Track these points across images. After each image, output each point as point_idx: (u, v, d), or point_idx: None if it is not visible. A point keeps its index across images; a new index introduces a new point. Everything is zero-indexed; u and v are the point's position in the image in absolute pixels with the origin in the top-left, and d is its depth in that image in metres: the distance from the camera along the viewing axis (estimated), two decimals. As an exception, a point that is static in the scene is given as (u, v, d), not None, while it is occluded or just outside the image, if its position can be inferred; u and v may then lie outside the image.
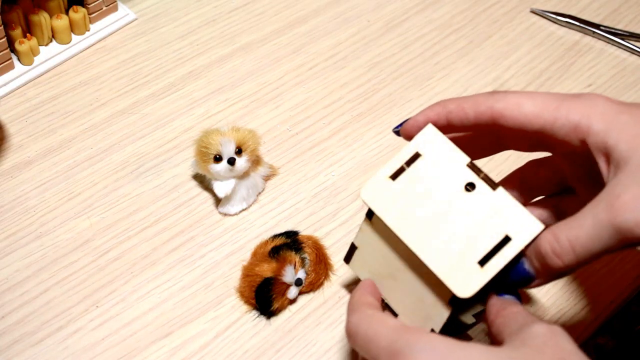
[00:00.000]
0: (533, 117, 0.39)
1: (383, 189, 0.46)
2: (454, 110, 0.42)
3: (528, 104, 0.39)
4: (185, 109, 0.65)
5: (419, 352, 0.35)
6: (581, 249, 0.36)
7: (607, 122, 0.37)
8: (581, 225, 0.36)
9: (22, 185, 0.59)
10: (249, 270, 0.52)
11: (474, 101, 0.41)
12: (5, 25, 0.64)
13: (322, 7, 0.75)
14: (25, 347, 0.50)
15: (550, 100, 0.39)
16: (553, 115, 0.39)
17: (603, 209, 0.35)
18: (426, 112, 0.44)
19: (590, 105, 0.38)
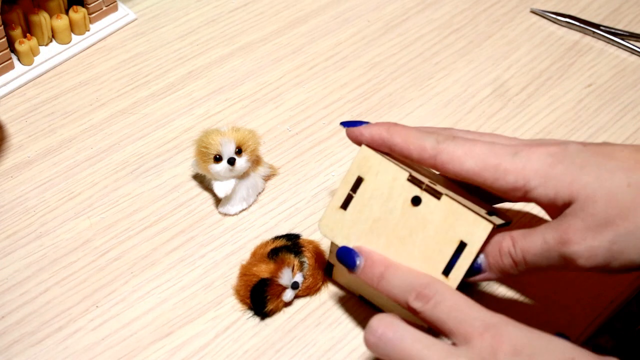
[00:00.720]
0: (474, 175, 0.43)
1: (337, 220, 0.47)
2: (399, 144, 0.44)
3: (469, 162, 0.42)
4: (185, 109, 0.65)
5: None
6: (530, 261, 0.42)
7: (543, 178, 0.41)
8: (534, 241, 0.41)
9: (22, 185, 0.59)
10: (246, 270, 0.52)
11: (420, 146, 0.44)
12: (5, 25, 0.64)
13: (322, 7, 0.75)
14: (25, 347, 0.50)
15: (490, 158, 0.42)
16: (493, 175, 0.42)
17: (552, 238, 0.40)
18: (372, 131, 0.45)
19: (525, 166, 0.41)
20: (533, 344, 0.37)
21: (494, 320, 0.38)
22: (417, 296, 0.41)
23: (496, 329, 0.37)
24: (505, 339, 0.37)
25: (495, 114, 0.66)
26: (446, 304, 0.40)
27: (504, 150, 0.42)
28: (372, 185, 0.46)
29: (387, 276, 0.43)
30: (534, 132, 0.65)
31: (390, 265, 0.43)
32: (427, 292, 0.40)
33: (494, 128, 0.65)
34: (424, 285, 0.41)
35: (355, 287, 0.52)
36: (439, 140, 0.43)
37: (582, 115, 0.67)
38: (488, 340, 0.37)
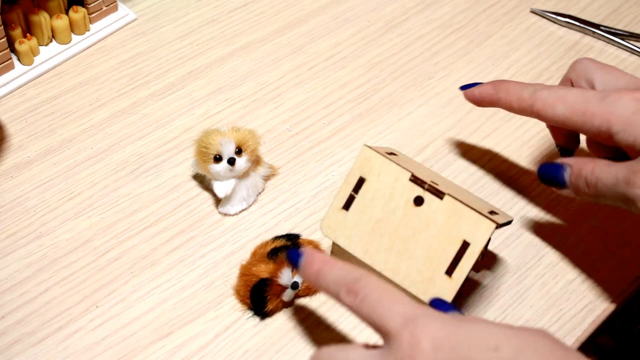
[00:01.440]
0: (565, 120, 0.46)
1: (339, 221, 0.47)
2: (503, 99, 0.51)
3: (560, 107, 0.46)
4: (185, 109, 0.65)
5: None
6: (600, 190, 0.44)
7: (626, 124, 0.44)
8: (608, 173, 0.44)
9: (22, 185, 0.59)
10: (246, 270, 0.52)
11: (519, 97, 0.49)
12: (5, 25, 0.64)
13: (322, 7, 0.75)
14: (25, 347, 0.50)
15: (580, 103, 0.46)
16: (581, 119, 0.46)
17: (622, 175, 0.43)
18: (482, 90, 0.53)
19: (611, 110, 0.44)
20: (454, 336, 0.35)
21: (414, 313, 0.37)
22: (347, 291, 0.39)
23: (414, 323, 0.36)
24: (423, 334, 0.35)
25: (495, 114, 0.66)
26: (371, 299, 0.38)
27: (594, 96, 0.45)
28: (374, 186, 0.46)
29: (323, 273, 0.42)
30: (534, 132, 0.65)
31: (328, 262, 0.42)
32: (356, 287, 0.39)
33: (494, 128, 0.65)
34: (355, 280, 0.40)
35: None
36: (536, 89, 0.48)
37: (582, 115, 0.67)
38: (406, 337, 0.36)
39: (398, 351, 0.36)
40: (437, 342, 0.35)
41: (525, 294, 0.54)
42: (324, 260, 0.42)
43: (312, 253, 0.43)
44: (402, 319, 0.36)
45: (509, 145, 0.64)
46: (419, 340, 0.35)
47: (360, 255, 0.47)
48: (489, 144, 0.64)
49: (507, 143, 0.64)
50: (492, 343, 0.35)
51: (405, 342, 0.36)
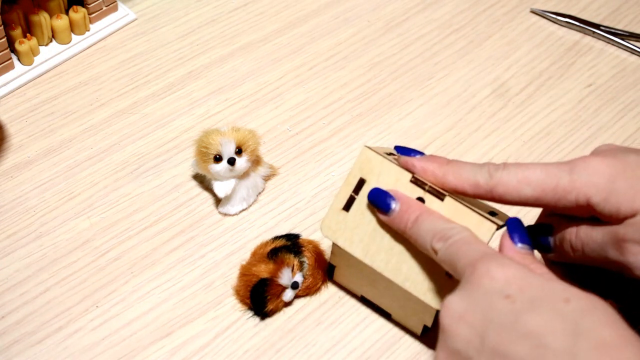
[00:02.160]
0: (535, 201, 0.42)
1: (340, 222, 0.47)
2: (453, 182, 0.44)
3: (527, 189, 0.42)
4: (185, 109, 0.65)
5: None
6: (587, 255, 0.41)
7: (605, 193, 0.40)
8: (593, 239, 0.41)
9: (22, 185, 0.59)
10: (246, 270, 0.52)
11: (474, 183, 0.43)
12: (5, 25, 0.64)
13: (322, 7, 0.75)
14: (25, 347, 0.50)
15: (547, 181, 0.41)
16: (553, 198, 0.41)
17: (610, 242, 0.40)
18: (425, 167, 0.45)
19: (584, 182, 0.40)
20: (528, 278, 0.36)
21: (494, 253, 0.38)
22: (439, 237, 0.41)
23: (492, 257, 0.37)
24: (498, 268, 0.36)
25: (495, 114, 0.66)
26: (460, 241, 0.40)
27: (559, 169, 0.41)
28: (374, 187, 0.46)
29: (420, 221, 0.43)
30: (534, 132, 0.65)
31: (426, 211, 0.43)
32: (447, 233, 0.41)
33: (494, 128, 0.65)
34: (450, 227, 0.41)
35: (357, 287, 0.52)
36: (491, 173, 0.43)
37: (582, 115, 0.67)
38: (481, 268, 0.37)
39: (470, 277, 0.37)
40: (510, 276, 0.36)
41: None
42: (421, 208, 0.44)
43: (408, 199, 0.44)
44: (482, 253, 0.38)
45: (509, 145, 0.64)
46: (493, 270, 0.36)
47: (360, 256, 0.47)
48: (489, 144, 0.64)
49: (507, 143, 0.64)
50: (562, 294, 0.35)
51: (479, 270, 0.37)
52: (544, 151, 0.63)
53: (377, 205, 0.45)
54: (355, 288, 0.53)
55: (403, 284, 0.45)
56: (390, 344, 0.51)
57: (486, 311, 0.35)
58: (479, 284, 0.36)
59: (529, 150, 0.63)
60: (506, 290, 0.35)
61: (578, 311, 0.34)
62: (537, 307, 0.34)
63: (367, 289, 0.52)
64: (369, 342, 0.51)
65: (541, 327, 0.34)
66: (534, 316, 0.34)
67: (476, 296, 0.36)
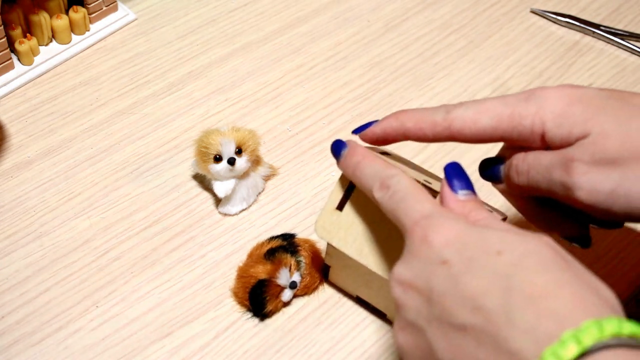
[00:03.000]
0: (491, 131, 0.42)
1: (333, 222, 0.47)
2: (412, 129, 0.44)
3: (483, 119, 0.42)
4: (185, 109, 0.65)
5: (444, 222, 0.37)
6: (532, 179, 0.41)
7: (560, 117, 0.40)
8: (540, 160, 0.41)
9: (22, 185, 0.59)
10: (243, 272, 0.52)
11: (431, 122, 0.43)
12: (5, 25, 0.64)
13: (322, 7, 0.75)
14: (25, 347, 0.50)
15: (503, 109, 0.41)
16: (509, 125, 0.41)
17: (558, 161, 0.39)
18: (383, 125, 0.45)
19: (540, 107, 0.41)
20: (463, 237, 0.36)
21: (431, 211, 0.37)
22: (380, 186, 0.40)
23: (428, 220, 0.37)
24: (434, 231, 0.36)
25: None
26: (398, 195, 0.39)
27: (516, 98, 0.42)
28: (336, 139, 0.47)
29: (362, 166, 0.43)
30: (534, 132, 0.65)
31: (367, 156, 0.43)
32: (388, 183, 0.40)
33: (494, 128, 0.65)
34: (389, 176, 0.40)
35: (352, 288, 0.52)
36: (448, 110, 0.43)
37: (582, 115, 0.67)
38: (418, 232, 0.36)
39: (410, 245, 0.37)
40: (446, 240, 0.36)
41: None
42: (364, 153, 0.44)
43: (356, 146, 0.45)
44: (419, 215, 0.37)
45: (509, 145, 0.64)
46: (429, 236, 0.36)
47: (354, 255, 0.47)
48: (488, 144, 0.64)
49: (507, 143, 0.64)
50: (496, 247, 0.35)
51: (417, 236, 0.36)
52: (544, 151, 0.63)
53: (333, 153, 0.46)
54: (350, 288, 0.53)
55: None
56: (390, 344, 0.51)
57: (428, 279, 0.35)
58: (418, 252, 0.36)
59: (529, 150, 0.63)
60: (443, 255, 0.35)
61: (510, 263, 0.34)
62: (472, 269, 0.34)
63: (362, 289, 0.52)
64: (369, 342, 0.51)
65: (476, 288, 0.33)
66: (469, 278, 0.34)
67: (417, 264, 0.36)
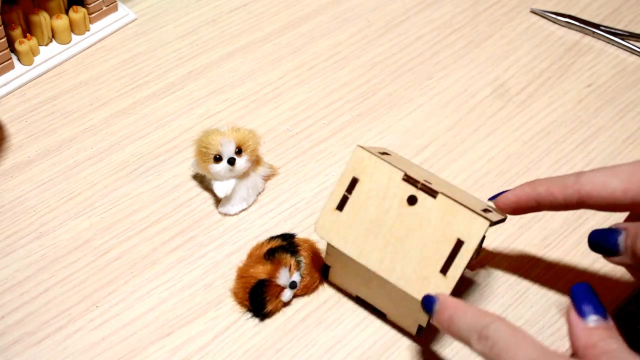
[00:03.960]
0: (621, 195, 0.42)
1: (334, 222, 0.47)
2: (543, 194, 0.45)
3: (614, 182, 0.42)
4: (185, 109, 0.65)
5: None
6: None
7: None
8: None
9: (22, 185, 0.59)
10: (243, 272, 0.52)
11: (562, 185, 0.44)
12: (5, 25, 0.64)
13: (322, 7, 0.75)
14: (25, 347, 0.50)
15: (634, 173, 0.42)
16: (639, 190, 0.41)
17: None
18: (517, 193, 0.47)
19: None
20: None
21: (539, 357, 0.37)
22: (479, 337, 0.40)
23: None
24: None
25: (495, 114, 0.66)
26: (500, 344, 0.39)
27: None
28: (367, 186, 0.46)
29: (455, 319, 0.42)
30: (534, 132, 0.65)
31: (459, 308, 0.42)
32: (487, 333, 0.40)
33: (494, 128, 0.65)
34: (485, 325, 0.40)
35: (352, 288, 0.52)
36: (580, 174, 0.44)
37: (582, 115, 0.67)
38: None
39: None
40: None
41: (525, 294, 0.54)
42: (456, 305, 0.43)
43: (445, 299, 0.43)
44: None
45: (509, 145, 0.64)
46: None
47: (354, 255, 0.47)
48: (489, 144, 0.64)
49: (507, 143, 0.64)
50: None
51: None
52: (544, 151, 0.63)
53: (424, 309, 0.45)
54: (350, 288, 0.53)
55: (397, 283, 0.45)
56: (390, 344, 0.51)
57: None
58: None
59: (529, 150, 0.63)
60: None
61: None
62: None
63: (362, 289, 0.52)
64: (369, 342, 0.51)
65: None
66: None
67: None
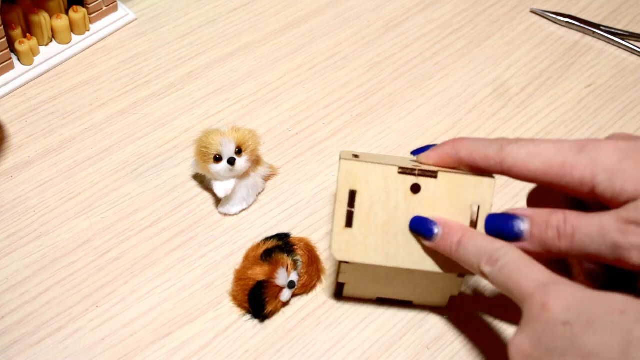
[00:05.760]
0: (541, 175, 0.42)
1: (348, 240, 0.47)
2: (465, 158, 0.45)
3: (535, 162, 0.42)
4: (185, 109, 0.65)
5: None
6: (578, 241, 0.40)
7: (610, 172, 0.39)
8: (589, 224, 0.39)
9: (22, 185, 0.59)
10: (241, 274, 0.52)
11: (485, 155, 0.44)
12: (5, 25, 0.64)
13: (322, 7, 0.75)
14: (25, 347, 0.50)
15: (556, 156, 0.41)
16: (559, 173, 0.41)
17: (610, 223, 0.38)
18: (440, 154, 0.46)
19: (592, 160, 0.40)
20: (584, 301, 0.36)
21: (548, 279, 0.38)
22: (487, 260, 0.41)
23: (546, 288, 0.38)
24: (554, 297, 0.37)
25: (495, 114, 0.66)
26: (509, 266, 0.40)
27: (570, 147, 0.41)
28: (367, 193, 0.46)
29: (464, 242, 0.43)
30: (534, 132, 0.65)
31: (467, 232, 0.44)
32: (496, 256, 0.41)
33: (494, 128, 0.65)
34: (495, 249, 0.41)
35: (372, 292, 0.52)
36: (503, 145, 0.43)
37: (582, 115, 0.67)
38: (537, 299, 0.37)
39: (529, 312, 0.37)
40: (566, 305, 0.36)
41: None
42: (464, 229, 0.44)
43: (447, 222, 0.45)
44: (535, 284, 0.38)
45: (509, 145, 0.64)
46: (549, 302, 0.37)
47: (383, 262, 0.46)
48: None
49: (507, 143, 0.64)
50: (618, 307, 0.36)
51: (536, 303, 0.37)
52: (544, 151, 0.63)
53: (420, 233, 0.46)
54: (368, 294, 0.53)
55: (432, 269, 0.46)
56: (390, 344, 0.51)
57: (548, 342, 0.36)
58: (539, 319, 0.37)
59: (529, 150, 0.63)
60: (564, 317, 0.36)
61: (632, 320, 0.35)
62: (593, 326, 0.35)
63: (383, 289, 0.52)
64: (369, 342, 0.51)
65: (597, 344, 0.35)
66: (589, 336, 0.35)
67: (538, 331, 0.37)
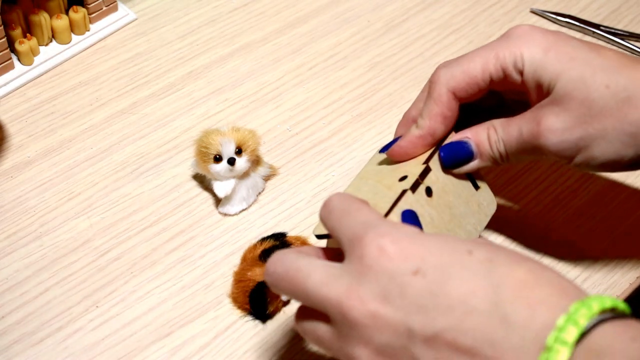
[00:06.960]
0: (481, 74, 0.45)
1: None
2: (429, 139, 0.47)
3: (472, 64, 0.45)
4: (185, 109, 0.65)
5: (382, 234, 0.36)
6: (510, 150, 0.45)
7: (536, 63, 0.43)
8: (511, 133, 0.45)
9: (22, 185, 0.59)
10: (240, 276, 0.52)
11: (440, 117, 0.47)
12: (5, 25, 0.64)
13: (322, 7, 0.75)
14: (25, 347, 0.50)
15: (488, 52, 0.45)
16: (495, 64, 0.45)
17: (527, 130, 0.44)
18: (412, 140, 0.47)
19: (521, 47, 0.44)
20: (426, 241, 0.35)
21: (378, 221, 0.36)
22: (323, 206, 0.40)
23: (379, 229, 0.35)
24: (392, 240, 0.35)
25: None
26: (337, 211, 0.39)
27: (497, 41, 0.45)
28: None
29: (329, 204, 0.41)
30: (534, 132, 0.65)
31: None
32: (327, 201, 0.40)
33: (494, 128, 0.65)
34: (331, 195, 0.40)
35: None
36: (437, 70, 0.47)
37: (582, 115, 0.67)
38: (372, 244, 0.35)
39: (363, 259, 0.35)
40: (405, 251, 0.34)
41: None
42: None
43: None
44: (364, 226, 0.36)
45: (509, 145, 0.64)
46: (386, 247, 0.35)
47: None
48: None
49: (507, 143, 0.64)
50: (463, 247, 0.35)
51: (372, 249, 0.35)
52: (544, 151, 0.63)
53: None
54: None
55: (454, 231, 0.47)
56: (390, 344, 0.51)
57: (402, 294, 0.34)
58: (377, 266, 0.34)
59: (529, 150, 0.63)
60: (410, 266, 0.34)
61: (485, 260, 0.34)
62: (449, 274, 0.33)
63: None
64: (369, 342, 0.51)
65: (462, 292, 0.33)
66: (450, 285, 0.33)
67: (383, 280, 0.34)
